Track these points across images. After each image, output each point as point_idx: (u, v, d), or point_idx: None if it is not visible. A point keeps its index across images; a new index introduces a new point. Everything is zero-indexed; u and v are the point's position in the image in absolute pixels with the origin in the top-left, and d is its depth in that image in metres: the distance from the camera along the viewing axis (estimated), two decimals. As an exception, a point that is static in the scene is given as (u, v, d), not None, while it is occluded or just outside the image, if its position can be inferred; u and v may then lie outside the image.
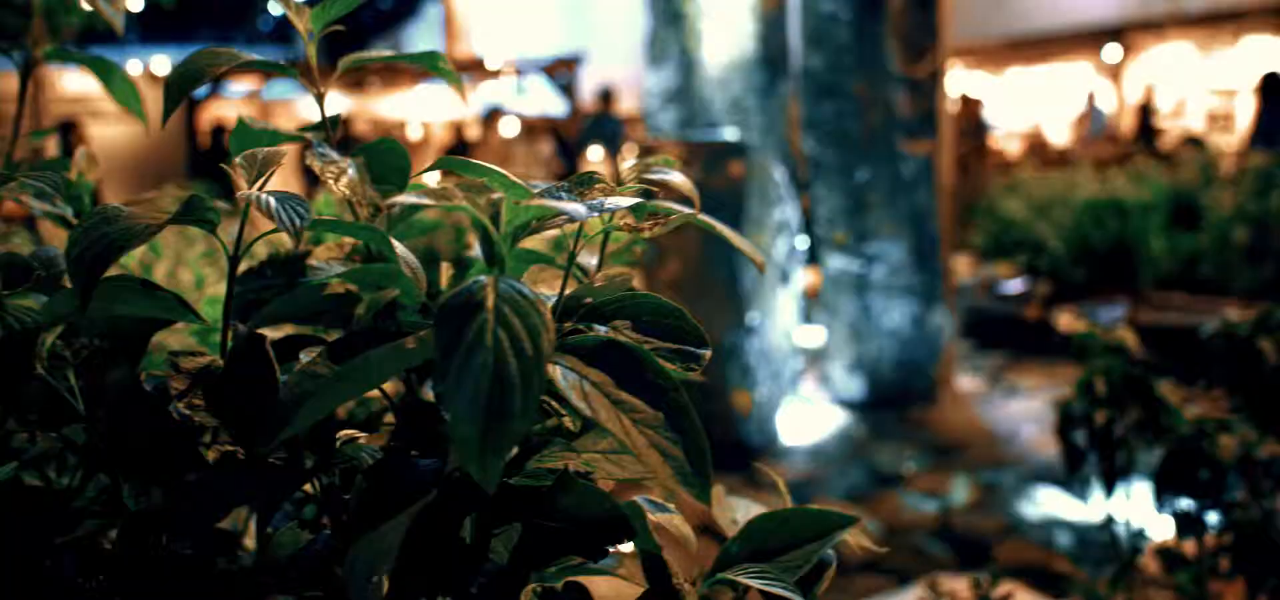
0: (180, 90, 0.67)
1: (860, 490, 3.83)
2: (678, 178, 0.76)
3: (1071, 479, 1.77)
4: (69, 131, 9.10)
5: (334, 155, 0.73)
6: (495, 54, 19.81)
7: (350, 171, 0.70)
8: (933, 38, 4.63)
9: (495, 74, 18.03)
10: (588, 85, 21.11)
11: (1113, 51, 16.95)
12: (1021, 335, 5.71)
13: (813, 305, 5.01)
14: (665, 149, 4.09)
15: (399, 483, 0.56)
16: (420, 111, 18.68)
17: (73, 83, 13.51)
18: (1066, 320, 5.43)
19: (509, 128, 12.41)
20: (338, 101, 18.03)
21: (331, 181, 0.69)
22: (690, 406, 0.48)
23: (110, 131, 11.54)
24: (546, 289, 0.62)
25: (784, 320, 4.48)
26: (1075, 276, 5.79)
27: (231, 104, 17.08)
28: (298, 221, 0.52)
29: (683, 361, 0.54)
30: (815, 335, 5.00)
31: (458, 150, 12.76)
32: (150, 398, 0.61)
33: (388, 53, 0.80)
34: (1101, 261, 5.77)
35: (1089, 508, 3.21)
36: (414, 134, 17.04)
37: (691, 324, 0.56)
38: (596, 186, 0.52)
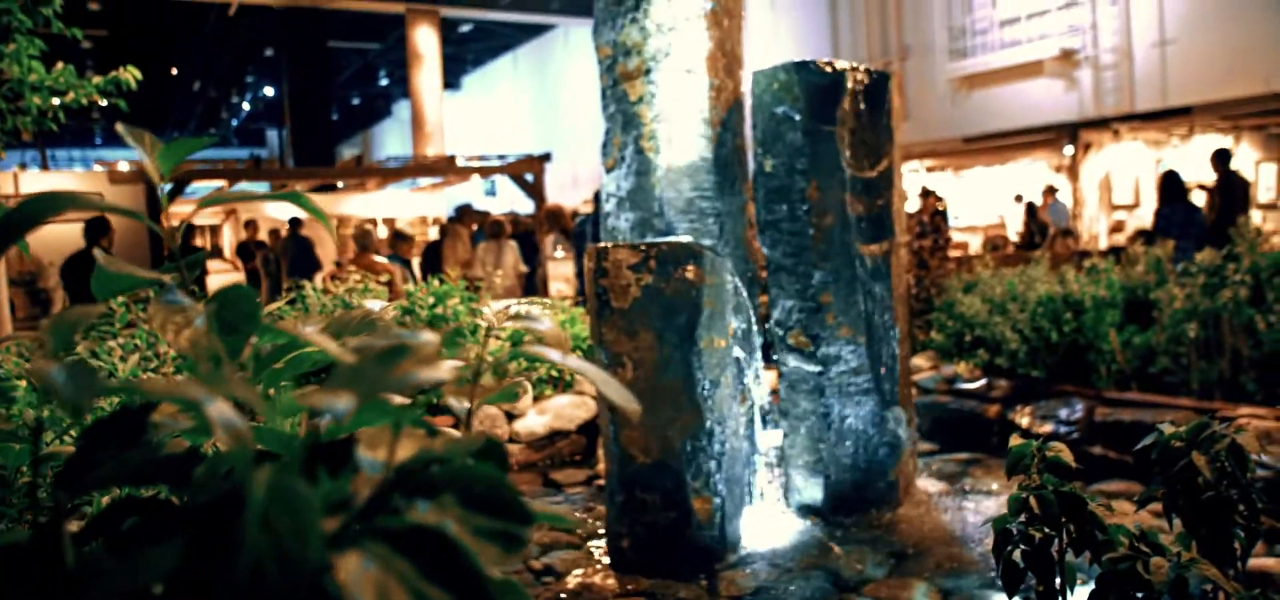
0: (5, 238, 0.63)
1: (819, 598, 3.75)
2: (546, 325, 0.73)
3: (1014, 596, 1.73)
4: (102, 232, 8.97)
5: (183, 302, 0.69)
6: (464, 153, 20.00)
7: (197, 321, 0.67)
8: (886, 138, 4.70)
9: (464, 173, 18.16)
10: (554, 184, 21.25)
11: (1069, 150, 17.37)
12: (983, 435, 5.70)
13: (771, 408, 4.98)
14: (619, 253, 4.08)
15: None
16: (387, 210, 18.75)
17: (31, 183, 13.47)
18: (1026, 419, 5.43)
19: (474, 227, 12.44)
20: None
21: (173, 334, 0.65)
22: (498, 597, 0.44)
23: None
24: (383, 453, 0.58)
25: (742, 424, 4.44)
26: (1034, 374, 5.81)
27: (195, 202, 17.09)
28: (83, 397, 0.48)
29: (505, 544, 0.50)
30: (774, 438, 4.95)
31: (429, 250, 12.76)
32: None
33: (256, 190, 0.77)
34: (1059, 359, 5.79)
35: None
36: (380, 232, 17.06)
37: (517, 502, 0.52)
38: (407, 360, 0.48)
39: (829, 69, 4.51)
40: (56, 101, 4.75)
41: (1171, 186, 8.80)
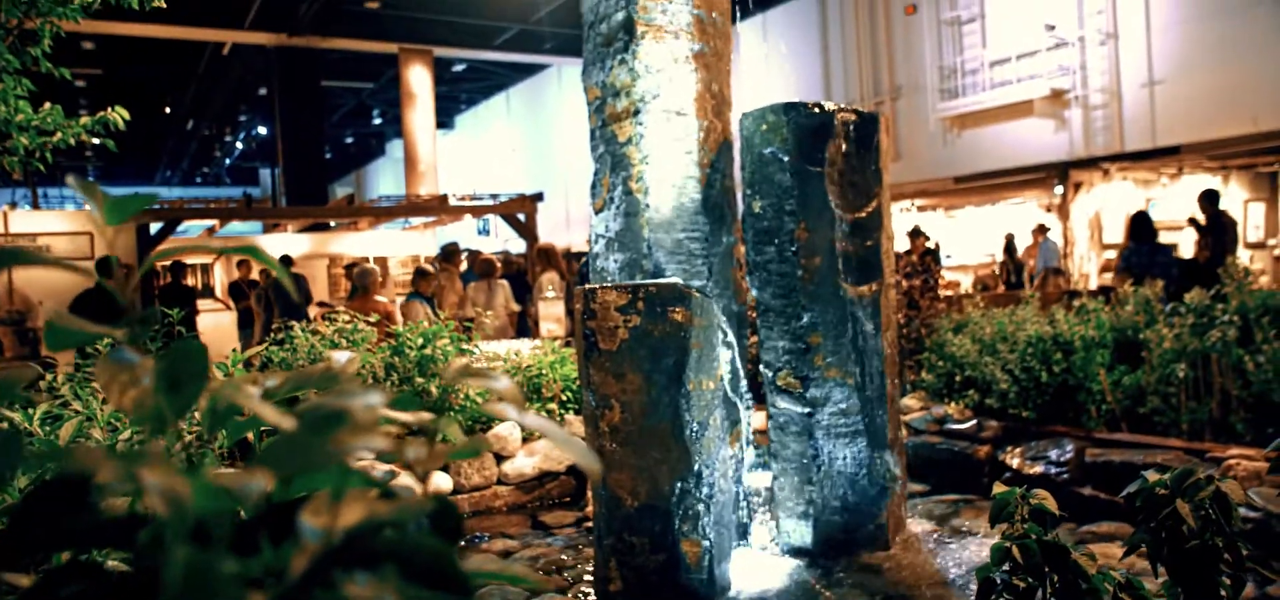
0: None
1: (808, 643, 3.71)
2: (503, 382, 0.72)
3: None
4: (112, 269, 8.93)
5: (131, 359, 0.68)
6: (457, 192, 20.05)
7: (144, 380, 0.65)
8: (874, 179, 4.71)
9: (457, 213, 18.18)
10: (547, 223, 21.31)
11: (1059, 189, 17.47)
12: (974, 476, 5.67)
13: (760, 450, 4.95)
14: (607, 294, 4.07)
15: None
16: (379, 248, 18.76)
17: (21, 222, 13.45)
18: (1016, 460, 5.40)
19: (464, 265, 12.42)
20: (297, 240, 18.03)
21: (117, 394, 0.64)
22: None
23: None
24: (326, 519, 0.57)
25: (731, 466, 4.41)
26: (1024, 415, 5.80)
27: (186, 242, 17.09)
28: (4, 467, 0.47)
29: (443, 618, 0.49)
30: (763, 480, 4.92)
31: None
32: None
33: (217, 243, 0.76)
34: (1049, 399, 5.78)
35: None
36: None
37: (459, 575, 0.50)
38: (344, 429, 0.47)
39: (817, 110, 4.52)
40: (44, 141, 4.74)
41: (1140, 227, 9.05)
